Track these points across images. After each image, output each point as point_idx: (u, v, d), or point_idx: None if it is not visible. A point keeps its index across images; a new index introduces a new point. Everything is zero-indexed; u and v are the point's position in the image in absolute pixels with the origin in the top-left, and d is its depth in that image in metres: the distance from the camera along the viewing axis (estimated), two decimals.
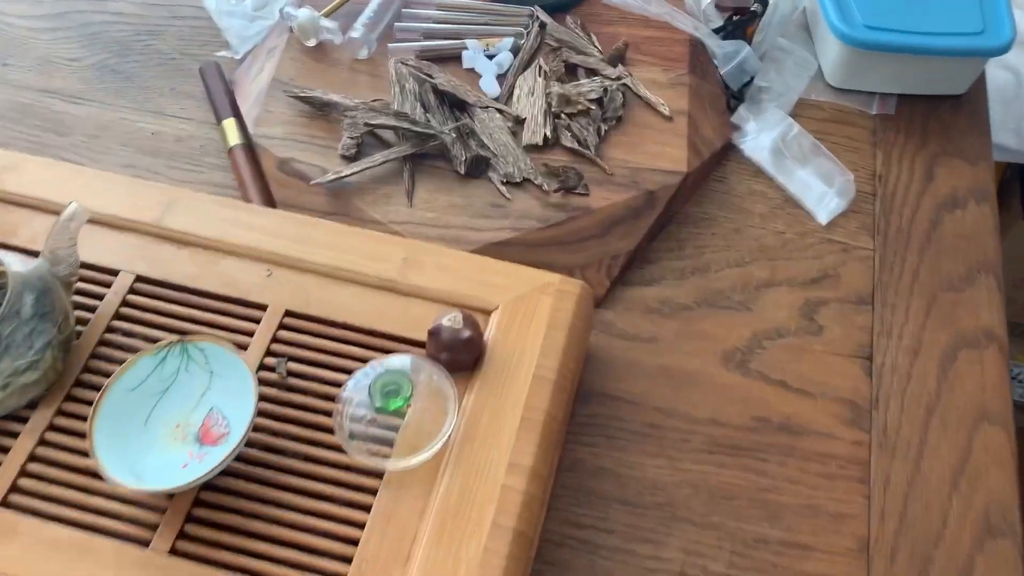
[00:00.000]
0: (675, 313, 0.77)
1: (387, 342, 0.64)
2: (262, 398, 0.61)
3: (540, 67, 0.88)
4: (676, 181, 0.81)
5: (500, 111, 0.85)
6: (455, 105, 0.86)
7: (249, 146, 0.85)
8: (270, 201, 0.83)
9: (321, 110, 0.85)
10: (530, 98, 0.85)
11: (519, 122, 0.84)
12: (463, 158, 0.81)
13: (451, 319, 0.61)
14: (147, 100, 0.92)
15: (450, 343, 0.61)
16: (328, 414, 0.61)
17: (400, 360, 0.60)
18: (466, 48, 0.89)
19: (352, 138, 0.82)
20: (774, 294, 0.78)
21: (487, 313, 0.66)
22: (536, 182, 0.80)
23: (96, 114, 0.91)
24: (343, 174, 0.79)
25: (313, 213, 0.79)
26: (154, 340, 0.64)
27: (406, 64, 0.87)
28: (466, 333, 0.61)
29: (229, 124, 0.89)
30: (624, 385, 0.73)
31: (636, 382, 0.73)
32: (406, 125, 0.81)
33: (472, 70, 0.89)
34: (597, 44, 0.92)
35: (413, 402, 0.58)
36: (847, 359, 0.74)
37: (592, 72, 0.89)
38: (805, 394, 0.73)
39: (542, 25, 0.91)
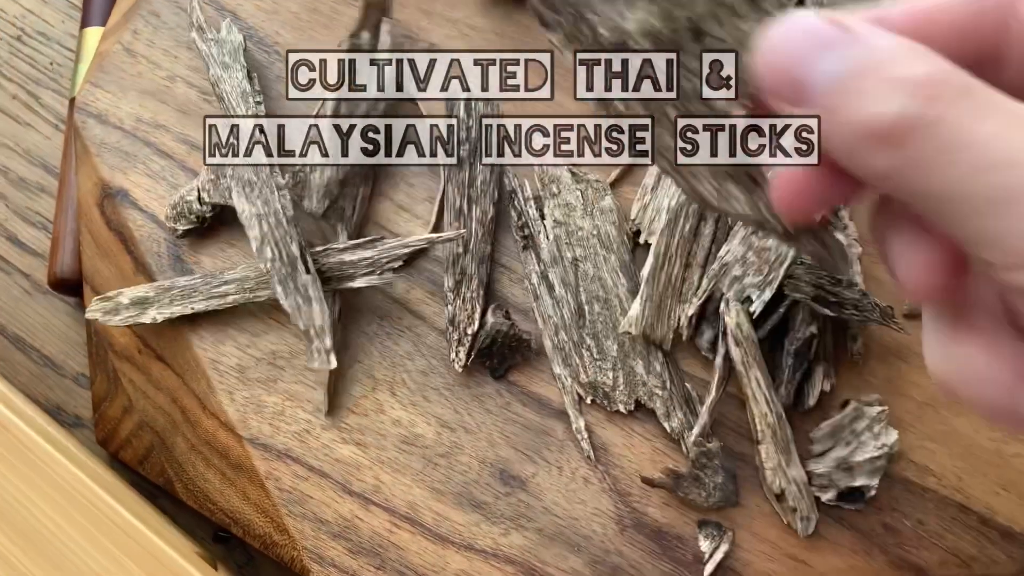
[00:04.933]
0: None
1: None
2: None
3: None
4: None
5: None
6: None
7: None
8: (76, 264, 0.40)
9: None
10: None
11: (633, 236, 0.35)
12: (464, 333, 0.34)
13: None
14: None
15: None
16: None
17: None
18: None
19: (203, 202, 0.35)
20: None
21: None
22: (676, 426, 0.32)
23: None
24: (117, 315, 0.34)
25: (125, 349, 0.36)
26: None
27: None
28: None
29: (94, 37, 0.44)
30: None
31: None
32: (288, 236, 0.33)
33: None
34: None
35: None
36: None
37: None
38: None
39: None
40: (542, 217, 0.35)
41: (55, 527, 0.31)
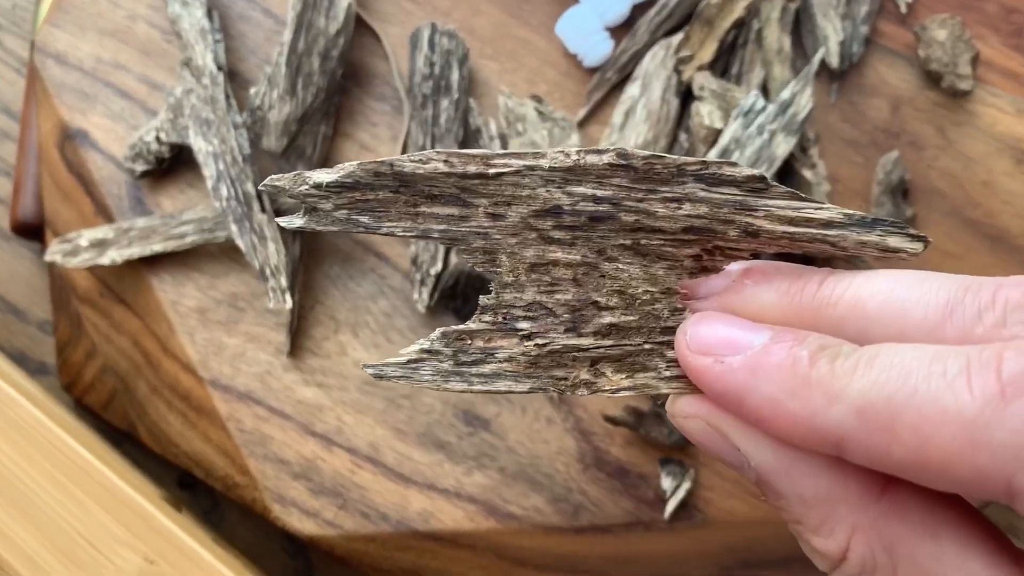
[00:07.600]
0: None
1: None
2: None
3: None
4: None
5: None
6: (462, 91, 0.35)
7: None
8: (38, 207, 0.39)
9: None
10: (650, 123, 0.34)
11: None
12: (427, 273, 0.33)
13: None
14: None
15: None
16: None
17: None
18: None
19: (161, 142, 0.34)
20: None
21: None
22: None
23: None
24: (76, 257, 0.34)
25: (87, 292, 0.36)
26: None
27: None
28: None
29: None
30: None
31: None
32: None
33: None
34: None
35: None
36: None
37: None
38: None
39: None
40: None
41: (21, 472, 0.31)
